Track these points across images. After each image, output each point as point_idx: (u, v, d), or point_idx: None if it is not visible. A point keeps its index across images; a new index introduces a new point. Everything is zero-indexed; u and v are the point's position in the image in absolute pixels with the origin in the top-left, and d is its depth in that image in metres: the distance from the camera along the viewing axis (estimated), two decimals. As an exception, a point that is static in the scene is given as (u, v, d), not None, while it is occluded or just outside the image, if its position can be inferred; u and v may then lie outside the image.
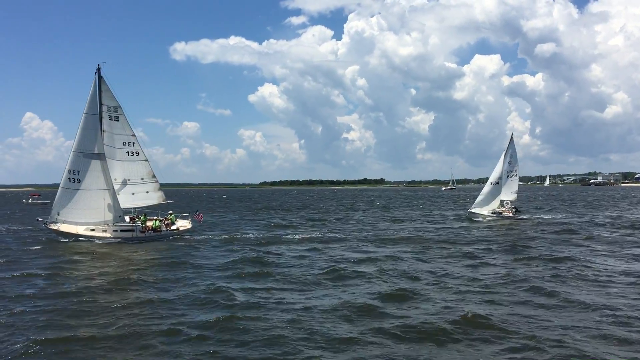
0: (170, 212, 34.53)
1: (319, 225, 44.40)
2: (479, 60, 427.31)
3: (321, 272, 21.16)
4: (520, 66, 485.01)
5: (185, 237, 33.20)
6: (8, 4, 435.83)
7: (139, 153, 32.37)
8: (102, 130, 30.60)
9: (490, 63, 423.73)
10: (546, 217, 52.63)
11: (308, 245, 29.70)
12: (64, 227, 30.75)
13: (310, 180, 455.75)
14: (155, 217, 33.44)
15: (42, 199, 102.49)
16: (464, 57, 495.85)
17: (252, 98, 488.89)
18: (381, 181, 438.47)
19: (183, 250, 27.88)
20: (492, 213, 50.42)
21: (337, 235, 35.31)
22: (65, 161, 30.56)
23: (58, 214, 30.61)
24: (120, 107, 30.94)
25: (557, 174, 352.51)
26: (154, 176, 33.16)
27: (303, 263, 23.68)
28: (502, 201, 51.06)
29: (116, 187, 31.74)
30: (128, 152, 31.86)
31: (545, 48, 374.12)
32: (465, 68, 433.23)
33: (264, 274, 20.90)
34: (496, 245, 29.27)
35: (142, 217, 33.00)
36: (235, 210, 71.75)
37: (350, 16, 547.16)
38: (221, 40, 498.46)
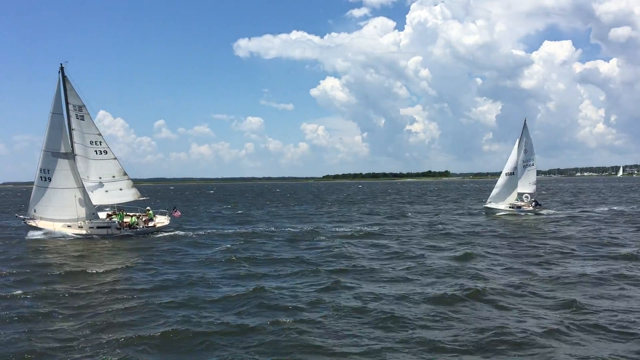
0: (148, 208, 34.88)
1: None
2: (548, 46, 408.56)
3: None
4: (593, 52, 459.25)
5: (164, 233, 33.37)
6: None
7: (106, 152, 32.79)
8: (71, 129, 31.29)
9: (560, 49, 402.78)
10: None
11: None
12: (41, 224, 31.68)
13: (373, 173, 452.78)
14: (132, 214, 33.86)
15: None
16: (533, 44, 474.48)
17: (314, 92, 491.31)
18: (446, 173, 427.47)
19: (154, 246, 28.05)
20: (510, 207, 47.30)
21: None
22: (136, 157, 31.87)
23: (35, 211, 31.59)
24: (84, 106, 31.40)
25: (634, 164, 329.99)
26: (125, 174, 33.55)
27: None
28: (520, 194, 47.81)
29: (91, 184, 32.41)
30: (96, 150, 32.33)
31: (620, 32, 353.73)
32: (534, 55, 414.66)
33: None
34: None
35: (120, 213, 33.48)
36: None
37: (413, 6, 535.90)
38: (283, 36, 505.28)
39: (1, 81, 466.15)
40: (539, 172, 49.70)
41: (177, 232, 33.96)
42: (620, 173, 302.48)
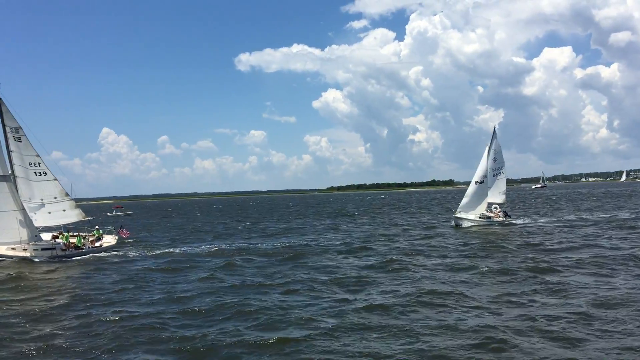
0: (97, 227, 34.50)
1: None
2: (548, 53, 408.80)
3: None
4: (594, 57, 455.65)
5: (112, 253, 32.80)
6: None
7: (46, 173, 32.33)
8: (10, 151, 30.96)
9: (561, 56, 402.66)
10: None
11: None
12: (-14, 248, 31.31)
13: (377, 183, 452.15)
14: (77, 234, 33.44)
15: (125, 210, 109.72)
16: (533, 51, 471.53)
17: (316, 104, 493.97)
18: (450, 182, 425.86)
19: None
20: (479, 217, 46.35)
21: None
22: (140, 173, 31.31)
23: (-24, 234, 31.17)
24: (21, 128, 30.99)
25: (638, 169, 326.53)
26: (67, 194, 33.17)
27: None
28: (490, 204, 46.91)
29: (33, 206, 31.97)
30: (35, 172, 31.86)
31: (620, 37, 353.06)
32: (535, 62, 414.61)
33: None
34: None
35: (66, 234, 33.08)
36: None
37: (412, 16, 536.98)
38: (284, 49, 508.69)
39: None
40: (546, 179, 48.74)
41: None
42: (624, 177, 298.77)
